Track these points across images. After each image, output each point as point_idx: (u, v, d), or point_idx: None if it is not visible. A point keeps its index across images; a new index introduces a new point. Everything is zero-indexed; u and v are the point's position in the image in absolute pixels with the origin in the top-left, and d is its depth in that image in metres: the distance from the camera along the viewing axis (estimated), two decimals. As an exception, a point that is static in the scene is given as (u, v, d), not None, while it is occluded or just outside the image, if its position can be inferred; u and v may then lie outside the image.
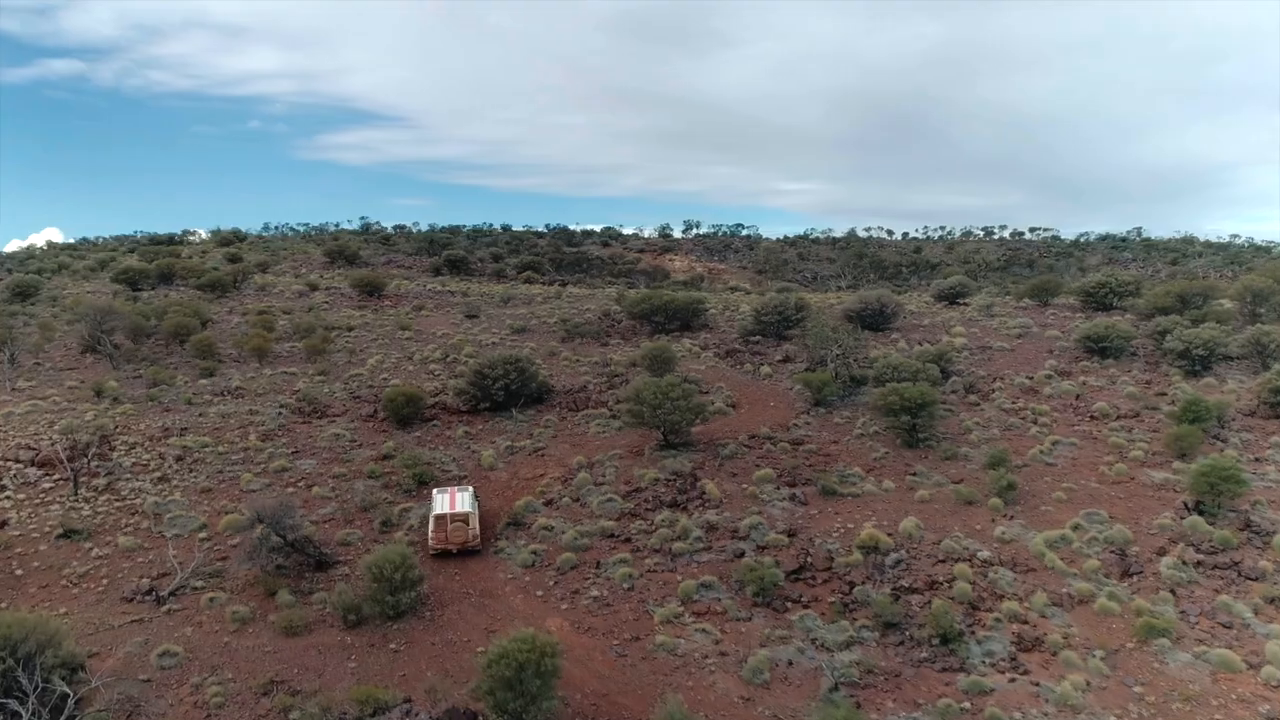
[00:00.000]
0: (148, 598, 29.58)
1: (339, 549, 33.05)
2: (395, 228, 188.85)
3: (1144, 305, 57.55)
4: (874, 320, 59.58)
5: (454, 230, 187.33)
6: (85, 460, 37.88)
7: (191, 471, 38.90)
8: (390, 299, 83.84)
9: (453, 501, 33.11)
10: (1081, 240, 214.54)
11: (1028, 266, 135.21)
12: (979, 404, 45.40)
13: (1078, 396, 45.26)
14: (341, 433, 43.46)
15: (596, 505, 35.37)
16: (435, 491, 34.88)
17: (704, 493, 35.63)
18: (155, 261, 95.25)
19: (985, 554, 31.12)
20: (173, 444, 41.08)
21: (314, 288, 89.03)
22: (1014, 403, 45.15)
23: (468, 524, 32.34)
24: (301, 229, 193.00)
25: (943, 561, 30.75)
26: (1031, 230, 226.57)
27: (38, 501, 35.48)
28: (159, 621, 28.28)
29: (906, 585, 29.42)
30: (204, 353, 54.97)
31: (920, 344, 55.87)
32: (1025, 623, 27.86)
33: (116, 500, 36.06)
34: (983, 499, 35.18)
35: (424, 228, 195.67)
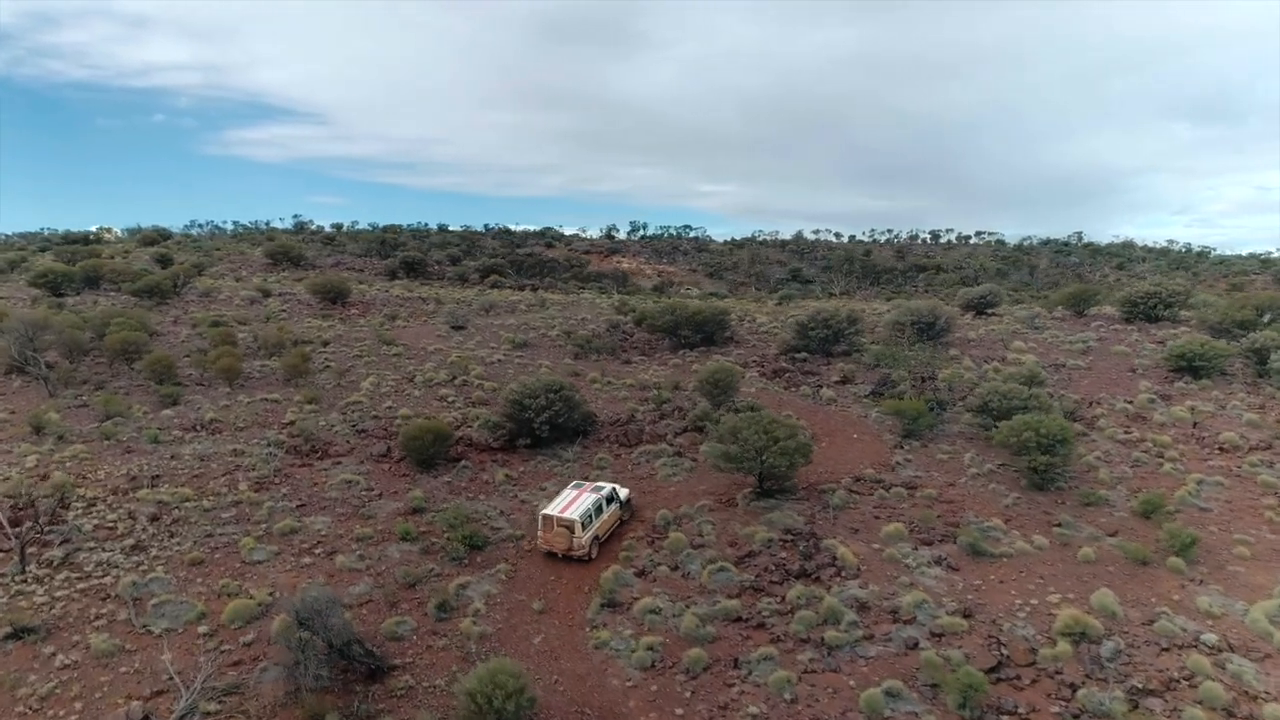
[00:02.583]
0: (143, 731, 21.65)
1: (389, 646, 25.43)
2: (333, 226, 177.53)
3: (1215, 318, 52.98)
4: (924, 334, 53.81)
5: (395, 229, 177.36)
6: (36, 524, 29.33)
7: (173, 536, 30.59)
8: (357, 307, 75.20)
9: (569, 504, 30.44)
10: (1025, 244, 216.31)
11: (1029, 272, 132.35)
12: (1087, 433, 39.91)
13: (1195, 425, 40.21)
14: (353, 478, 35.50)
15: (706, 577, 28.39)
16: (570, 485, 32.55)
17: (835, 558, 29.04)
18: (78, 263, 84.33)
19: (1210, 637, 25.33)
20: (144, 498, 32.64)
21: (266, 293, 79.74)
22: (1127, 432, 39.81)
23: (572, 532, 29.65)
24: (232, 227, 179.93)
25: (1166, 650, 24.80)
26: (977, 234, 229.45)
27: (-28, 585, 26.92)
28: (165, 771, 20.46)
29: (1139, 686, 23.34)
30: (162, 375, 45.92)
31: (987, 362, 50.36)
32: (1301, 735, 22.11)
33: (79, 579, 27.65)
34: (1157, 558, 29.55)
35: (363, 226, 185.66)
